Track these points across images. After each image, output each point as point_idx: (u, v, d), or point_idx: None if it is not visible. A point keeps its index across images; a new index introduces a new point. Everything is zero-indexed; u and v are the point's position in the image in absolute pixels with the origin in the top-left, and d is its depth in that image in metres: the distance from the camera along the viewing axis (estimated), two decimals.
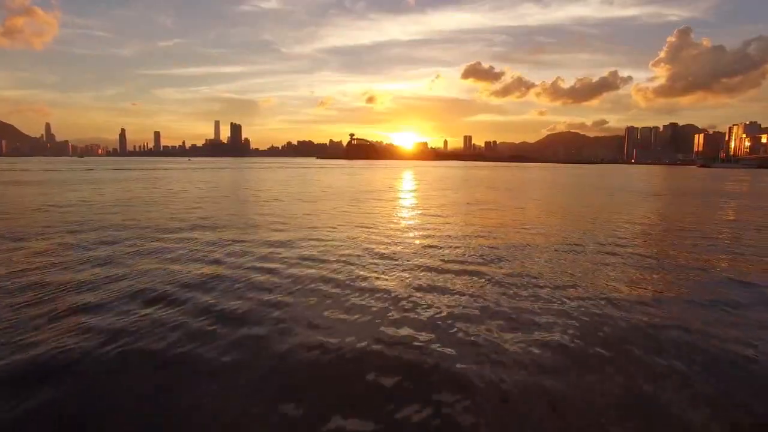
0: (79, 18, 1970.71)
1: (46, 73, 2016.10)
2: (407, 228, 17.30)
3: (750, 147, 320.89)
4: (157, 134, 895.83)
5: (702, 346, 6.44)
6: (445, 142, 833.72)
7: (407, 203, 27.89)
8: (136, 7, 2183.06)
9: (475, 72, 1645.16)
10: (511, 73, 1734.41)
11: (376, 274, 10.04)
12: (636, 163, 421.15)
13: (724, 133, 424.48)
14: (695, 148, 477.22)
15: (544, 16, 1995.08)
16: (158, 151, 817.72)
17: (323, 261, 11.22)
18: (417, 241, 14.27)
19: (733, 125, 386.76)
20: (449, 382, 5.34)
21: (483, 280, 9.68)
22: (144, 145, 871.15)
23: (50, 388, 5.13)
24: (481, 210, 23.64)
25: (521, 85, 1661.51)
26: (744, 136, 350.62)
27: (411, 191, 37.87)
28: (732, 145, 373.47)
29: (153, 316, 7.30)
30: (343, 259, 11.48)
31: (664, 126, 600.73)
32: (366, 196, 31.62)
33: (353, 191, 35.87)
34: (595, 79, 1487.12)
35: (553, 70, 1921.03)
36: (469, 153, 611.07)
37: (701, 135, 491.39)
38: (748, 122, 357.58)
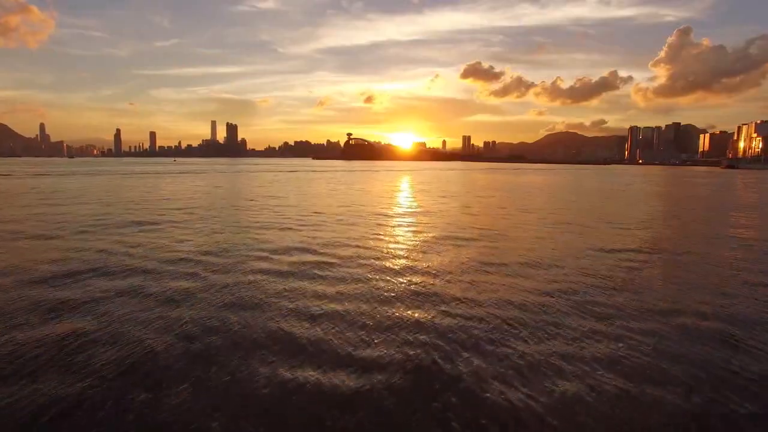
0: (75, 18, 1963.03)
1: (41, 73, 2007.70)
2: None
3: (762, 147, 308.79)
4: (152, 134, 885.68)
5: None
6: (444, 142, 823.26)
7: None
8: (133, 7, 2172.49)
9: (474, 72, 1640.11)
10: (510, 73, 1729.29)
11: None
12: (643, 164, 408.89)
13: (732, 133, 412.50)
14: (700, 148, 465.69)
15: (541, 16, 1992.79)
16: (153, 151, 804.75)
17: None
18: None
19: (743, 124, 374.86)
20: None
21: None
22: (139, 146, 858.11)
23: None
24: None
25: (520, 85, 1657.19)
26: (755, 135, 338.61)
27: (434, 245, 24.95)
28: (741, 145, 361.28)
29: None
30: None
31: (666, 126, 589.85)
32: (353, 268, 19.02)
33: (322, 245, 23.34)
34: (594, 79, 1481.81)
35: (552, 70, 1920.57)
36: (467, 153, 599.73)
37: (707, 135, 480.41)
38: (759, 121, 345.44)
